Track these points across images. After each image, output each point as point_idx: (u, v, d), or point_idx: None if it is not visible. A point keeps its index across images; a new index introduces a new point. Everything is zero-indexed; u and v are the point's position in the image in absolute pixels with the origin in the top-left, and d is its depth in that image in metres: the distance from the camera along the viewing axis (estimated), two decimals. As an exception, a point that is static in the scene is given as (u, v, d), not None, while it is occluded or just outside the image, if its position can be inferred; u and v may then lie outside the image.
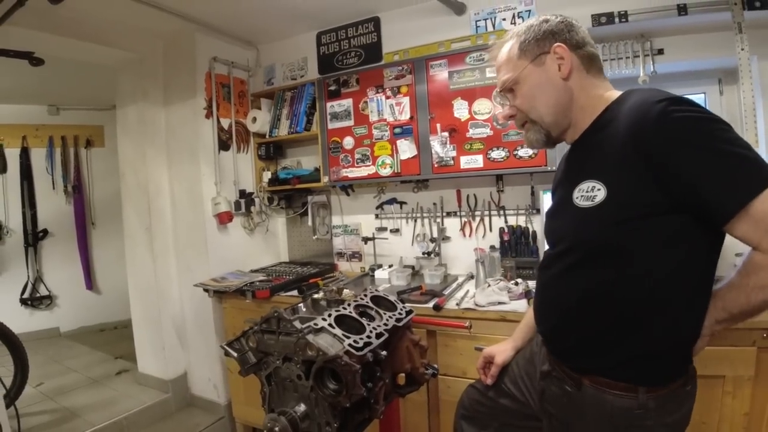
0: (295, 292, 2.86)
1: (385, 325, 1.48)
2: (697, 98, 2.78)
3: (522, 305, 2.25)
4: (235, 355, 1.49)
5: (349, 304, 1.51)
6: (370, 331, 1.39)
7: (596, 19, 2.44)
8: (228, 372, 3.19)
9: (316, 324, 1.33)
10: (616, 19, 2.41)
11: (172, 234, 3.44)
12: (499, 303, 2.29)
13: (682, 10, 2.28)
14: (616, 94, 1.23)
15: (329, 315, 1.39)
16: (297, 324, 1.35)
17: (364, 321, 1.45)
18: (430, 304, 2.38)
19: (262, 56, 3.67)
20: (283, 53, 3.55)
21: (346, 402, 1.27)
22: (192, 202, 3.31)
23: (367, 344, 1.33)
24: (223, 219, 3.27)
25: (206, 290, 3.07)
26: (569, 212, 1.18)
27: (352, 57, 3.21)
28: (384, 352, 1.37)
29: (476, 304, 2.31)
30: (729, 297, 1.08)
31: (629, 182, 1.06)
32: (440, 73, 2.85)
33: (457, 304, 2.38)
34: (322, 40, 3.33)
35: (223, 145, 3.37)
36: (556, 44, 1.23)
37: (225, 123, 3.39)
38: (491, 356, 1.65)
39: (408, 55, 3.01)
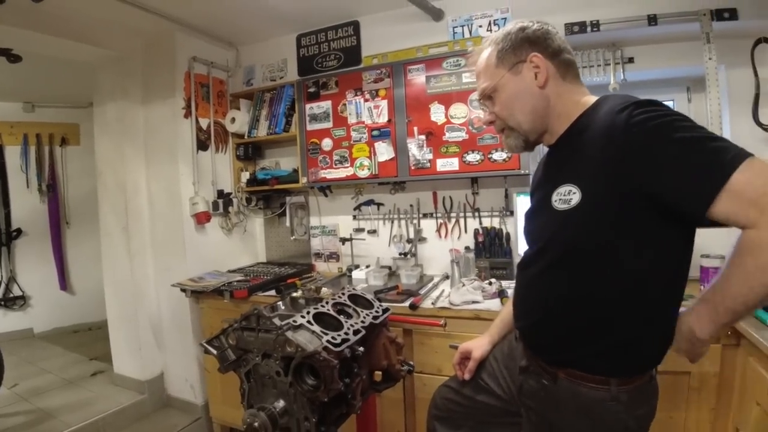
0: (273, 292, 2.88)
1: (362, 322, 1.52)
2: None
3: (495, 304, 2.31)
4: (215, 352, 1.52)
5: (327, 302, 1.55)
6: (348, 328, 1.43)
7: (569, 28, 2.51)
8: (205, 372, 3.19)
9: (295, 321, 1.36)
10: (589, 28, 2.49)
11: (150, 234, 3.43)
12: (473, 302, 2.35)
13: (653, 20, 2.36)
14: (592, 99, 1.26)
15: (308, 312, 1.42)
16: (276, 321, 1.38)
17: (341, 318, 1.48)
18: (407, 303, 2.42)
19: (241, 57, 3.68)
20: (263, 54, 3.56)
21: (324, 397, 1.30)
22: (170, 201, 3.30)
23: (344, 340, 1.37)
24: (201, 219, 3.27)
25: (184, 290, 3.07)
26: (547, 214, 1.22)
27: (331, 60, 3.24)
28: (361, 348, 1.40)
29: (451, 303, 2.36)
30: (730, 294, 1.03)
31: (604, 187, 1.10)
32: (418, 78, 2.90)
33: (433, 303, 2.42)
34: (302, 42, 3.36)
35: (202, 145, 3.37)
36: (532, 54, 1.25)
37: (204, 123, 3.40)
38: (468, 351, 1.67)
39: (386, 59, 3.05)
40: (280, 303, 1.74)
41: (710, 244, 2.25)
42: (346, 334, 1.40)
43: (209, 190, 3.41)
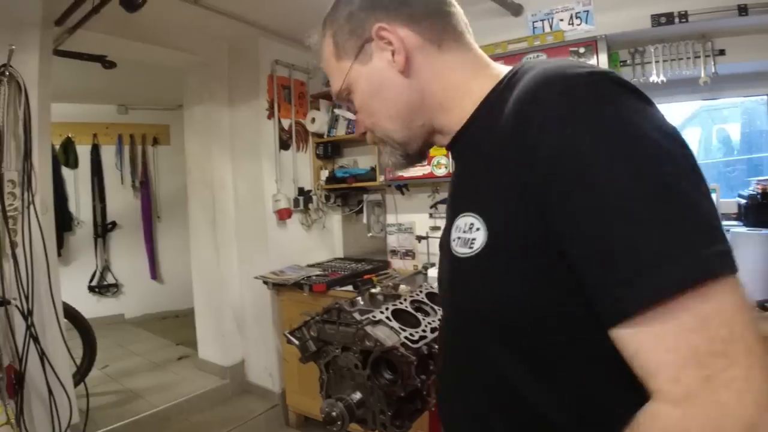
0: (350, 288, 2.96)
1: (440, 320, 1.53)
2: (760, 100, 2.70)
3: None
4: (297, 342, 1.57)
5: (405, 299, 1.57)
6: (426, 326, 1.44)
7: (656, 19, 2.42)
8: (283, 361, 3.31)
9: (374, 316, 1.40)
10: (676, 20, 2.38)
11: (235, 228, 3.60)
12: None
13: (743, 10, 2.23)
14: (499, 70, 0.82)
15: (386, 308, 1.45)
16: (357, 315, 1.42)
17: (419, 316, 1.50)
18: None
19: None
20: (340, 55, 3.62)
21: (401, 392, 1.32)
22: (254, 198, 3.46)
23: (422, 338, 1.38)
24: (283, 215, 3.39)
25: (266, 282, 3.20)
26: (448, 262, 0.79)
27: (409, 59, 3.24)
28: (437, 346, 1.42)
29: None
30: None
31: (516, 221, 0.65)
32: (496, 75, 2.85)
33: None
34: (378, 43, 3.37)
35: (284, 145, 3.50)
36: (377, 25, 0.80)
37: (285, 123, 3.52)
38: None
39: (463, 56, 3.01)
40: (359, 298, 1.78)
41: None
42: (424, 331, 1.41)
43: (291, 187, 3.53)
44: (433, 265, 3.22)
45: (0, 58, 2.23)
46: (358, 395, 1.44)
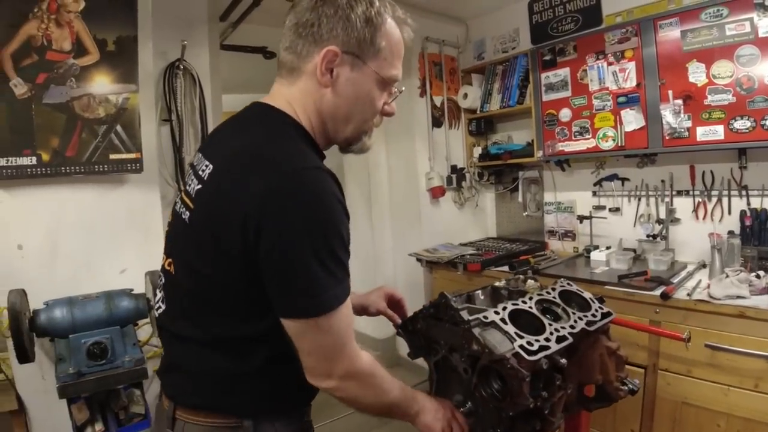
0: (505, 268, 2.86)
1: (572, 327, 1.29)
2: None
3: (765, 301, 1.91)
4: (405, 336, 1.50)
5: (530, 298, 1.38)
6: (550, 333, 1.23)
7: None
8: (434, 340, 3.32)
9: (485, 317, 1.23)
10: None
11: (389, 205, 3.69)
12: (738, 297, 1.98)
13: None
14: None
15: (503, 308, 1.29)
16: (464, 314, 1.26)
17: (545, 319, 1.29)
18: (657, 292, 2.16)
19: (471, 31, 3.65)
20: (492, 26, 3.48)
21: (509, 410, 1.17)
22: (407, 176, 3.49)
23: (543, 348, 1.17)
24: (436, 193, 3.41)
25: (419, 260, 3.23)
26: None
27: (568, 23, 2.97)
28: (564, 360, 1.19)
29: (711, 296, 2.03)
30: None
31: None
32: (671, 33, 2.49)
33: (688, 295, 2.11)
34: (534, 9, 3.15)
35: (436, 122, 3.48)
36: None
37: (437, 101, 3.49)
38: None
39: (632, 15, 2.69)
40: (479, 292, 1.62)
41: None
42: (547, 340, 1.19)
43: (443, 165, 3.51)
44: (596, 247, 2.95)
45: (174, 53, 2.45)
46: (468, 405, 1.31)
